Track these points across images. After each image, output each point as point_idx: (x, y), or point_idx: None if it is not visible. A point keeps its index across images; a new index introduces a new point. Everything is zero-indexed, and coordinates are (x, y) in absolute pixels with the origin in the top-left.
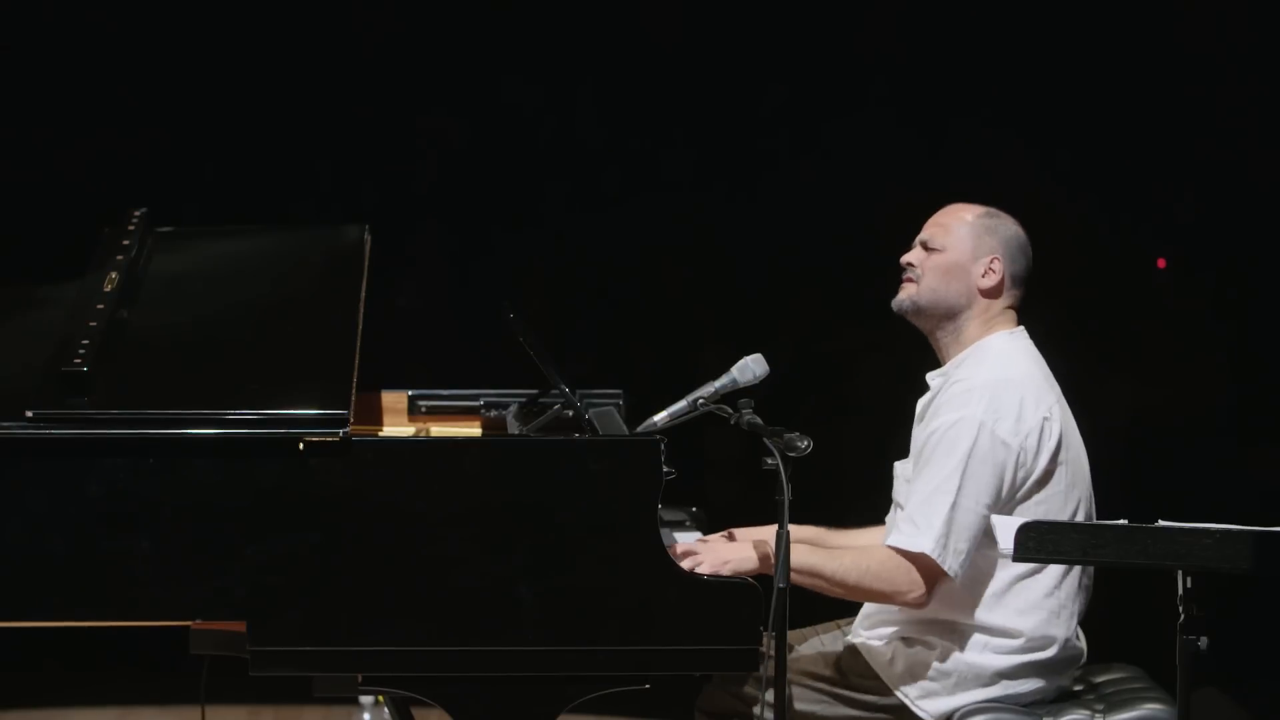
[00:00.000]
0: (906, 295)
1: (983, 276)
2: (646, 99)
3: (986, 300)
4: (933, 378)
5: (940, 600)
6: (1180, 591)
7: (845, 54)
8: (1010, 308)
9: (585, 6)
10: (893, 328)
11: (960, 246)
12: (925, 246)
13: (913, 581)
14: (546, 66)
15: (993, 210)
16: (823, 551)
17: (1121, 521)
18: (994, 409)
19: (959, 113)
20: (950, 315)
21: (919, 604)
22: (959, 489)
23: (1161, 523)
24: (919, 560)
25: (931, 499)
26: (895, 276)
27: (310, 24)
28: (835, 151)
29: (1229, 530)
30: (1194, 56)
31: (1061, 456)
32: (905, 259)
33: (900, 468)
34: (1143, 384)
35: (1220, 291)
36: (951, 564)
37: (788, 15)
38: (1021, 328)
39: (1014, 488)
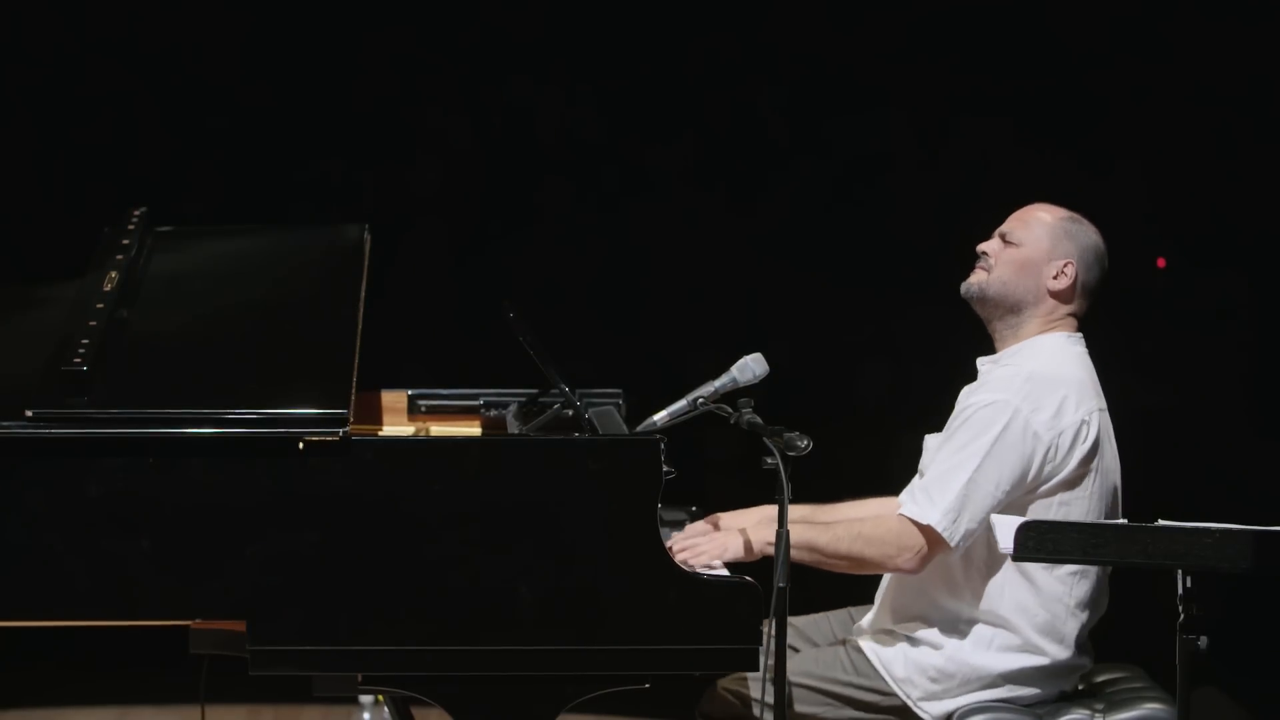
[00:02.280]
0: (976, 281)
1: (1054, 279)
2: (646, 99)
3: (1053, 302)
4: (983, 363)
5: (946, 593)
6: (1180, 591)
7: (846, 53)
8: (1074, 314)
9: (586, 6)
10: (893, 328)
11: (1037, 245)
12: (1003, 239)
13: (904, 546)
14: (547, 66)
15: (1076, 216)
16: (816, 526)
17: (1121, 521)
18: (1034, 400)
19: (959, 112)
20: (1014, 310)
21: (911, 570)
22: (979, 467)
23: (1161, 522)
24: (924, 531)
25: (949, 473)
26: (895, 277)
27: (310, 23)
28: (835, 151)
29: (1229, 530)
30: (1194, 55)
31: (1094, 464)
32: (981, 247)
33: (931, 440)
34: (1142, 383)
35: (1221, 291)
36: (956, 538)
37: (788, 15)
38: (1080, 335)
39: (1038, 481)
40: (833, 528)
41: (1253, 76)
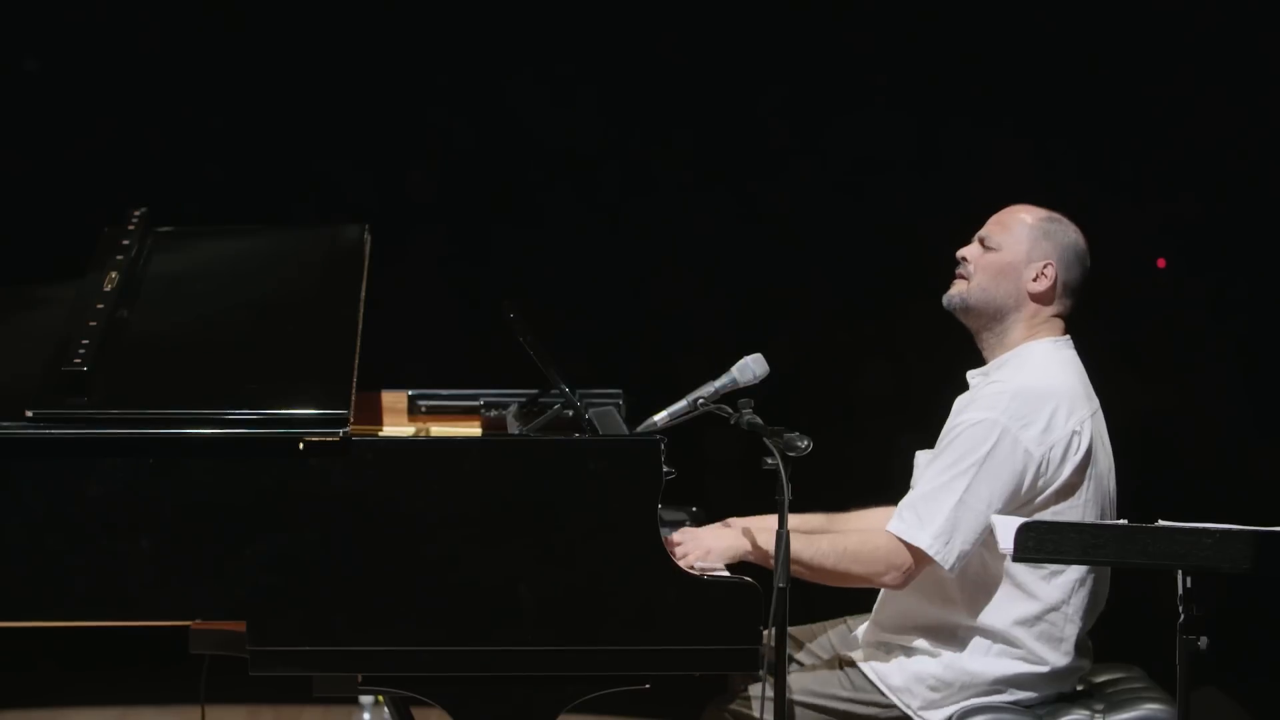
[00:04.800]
0: (956, 292)
1: (1034, 280)
2: (647, 99)
3: (1035, 305)
4: (973, 376)
5: (942, 604)
6: (1180, 591)
7: (845, 54)
8: (1059, 315)
9: (587, 7)
10: (893, 328)
11: (1015, 248)
12: (982, 244)
13: (891, 564)
14: (548, 67)
15: (1055, 215)
16: (801, 538)
17: (1121, 521)
18: (1022, 416)
19: (959, 112)
20: (997, 316)
21: (895, 586)
22: (968, 488)
23: (1161, 523)
24: (911, 551)
25: (938, 493)
26: (895, 277)
27: (311, 23)
28: (835, 151)
29: (1229, 530)
30: (1194, 55)
31: (1089, 471)
32: (961, 252)
33: (922, 456)
34: (1142, 383)
35: (1221, 291)
36: (951, 561)
37: (787, 15)
38: (1068, 337)
39: (1032, 495)
40: (817, 541)
41: (1252, 75)
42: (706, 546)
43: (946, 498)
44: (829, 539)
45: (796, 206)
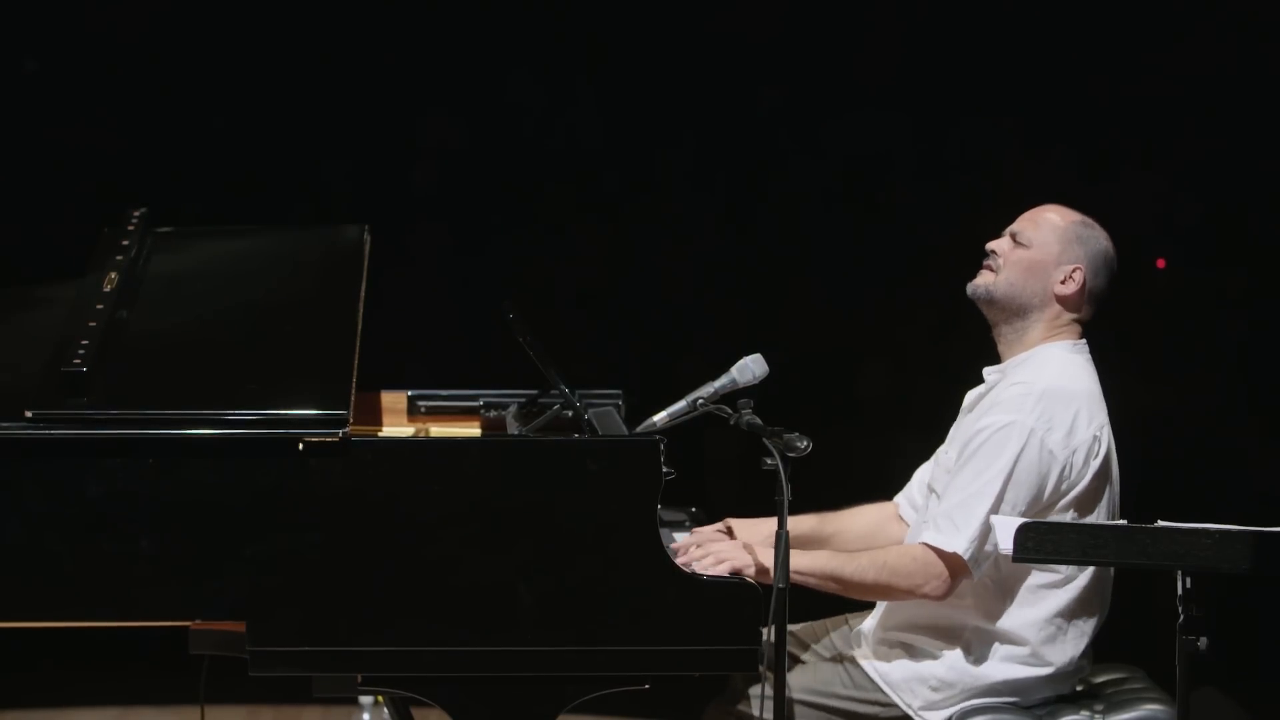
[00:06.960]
0: (983, 282)
1: (1062, 283)
2: (647, 99)
3: (1059, 307)
4: (990, 373)
5: (952, 604)
6: (1180, 591)
7: (845, 54)
8: (1078, 321)
9: (586, 6)
10: (893, 328)
11: (1046, 248)
12: (1014, 239)
13: (931, 575)
14: (547, 66)
15: (1088, 220)
16: (840, 556)
17: (1121, 521)
18: (1048, 418)
19: (959, 112)
20: (1020, 313)
21: (938, 597)
22: (1000, 493)
23: (1161, 523)
24: (949, 559)
25: (971, 500)
26: (895, 277)
27: (311, 23)
28: (835, 151)
29: (1228, 530)
30: (1194, 55)
31: (1107, 478)
32: (990, 245)
33: (941, 455)
34: (1142, 384)
35: (1221, 291)
36: (981, 565)
37: (787, 15)
38: (1084, 342)
39: (1055, 498)
40: (856, 558)
41: (1252, 75)
42: (748, 560)
43: (980, 504)
44: (868, 555)
45: (796, 206)
